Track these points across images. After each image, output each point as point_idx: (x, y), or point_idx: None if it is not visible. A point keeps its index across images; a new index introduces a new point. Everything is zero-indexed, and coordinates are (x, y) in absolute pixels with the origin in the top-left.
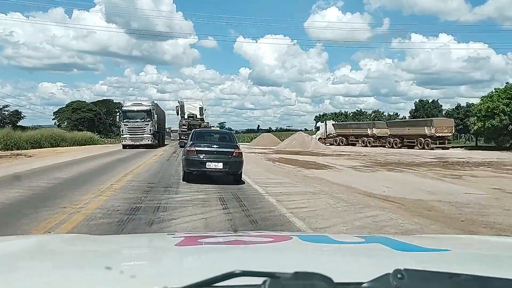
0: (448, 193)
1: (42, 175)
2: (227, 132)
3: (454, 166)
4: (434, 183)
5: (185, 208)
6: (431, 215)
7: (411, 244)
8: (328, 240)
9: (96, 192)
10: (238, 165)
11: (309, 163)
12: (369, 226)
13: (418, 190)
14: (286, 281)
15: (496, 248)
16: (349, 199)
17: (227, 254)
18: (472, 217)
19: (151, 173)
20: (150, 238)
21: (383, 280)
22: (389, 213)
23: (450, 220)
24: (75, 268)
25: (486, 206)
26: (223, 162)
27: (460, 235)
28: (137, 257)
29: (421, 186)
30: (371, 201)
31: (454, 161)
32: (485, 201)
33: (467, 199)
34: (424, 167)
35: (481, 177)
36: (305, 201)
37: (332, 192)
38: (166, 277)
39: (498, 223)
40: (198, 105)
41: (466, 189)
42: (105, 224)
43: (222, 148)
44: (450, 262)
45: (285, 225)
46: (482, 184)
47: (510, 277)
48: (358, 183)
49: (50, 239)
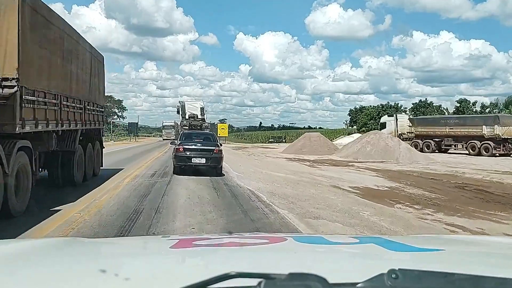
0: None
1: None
2: (210, 133)
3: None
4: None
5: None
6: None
7: (405, 244)
8: (323, 241)
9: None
10: (218, 160)
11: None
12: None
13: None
14: (281, 282)
15: (490, 247)
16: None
17: (222, 256)
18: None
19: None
20: (144, 240)
21: (377, 280)
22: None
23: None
24: (69, 272)
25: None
26: (205, 158)
27: (453, 235)
28: (131, 260)
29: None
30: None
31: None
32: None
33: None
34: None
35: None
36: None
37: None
38: (161, 280)
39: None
40: (199, 105)
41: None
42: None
43: (205, 146)
44: (444, 262)
45: None
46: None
47: (503, 276)
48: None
49: (44, 243)
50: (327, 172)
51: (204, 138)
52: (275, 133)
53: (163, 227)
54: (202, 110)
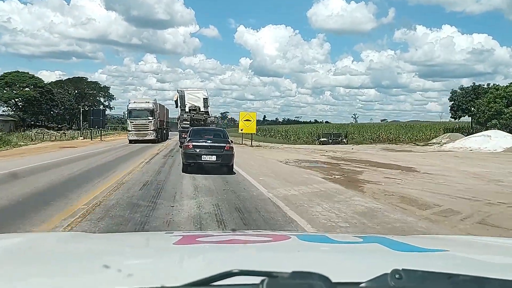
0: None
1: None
2: (220, 129)
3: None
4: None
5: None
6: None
7: (409, 244)
8: (327, 239)
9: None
10: (230, 158)
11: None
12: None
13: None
14: (284, 281)
15: (494, 249)
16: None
17: (225, 253)
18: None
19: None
20: (148, 236)
21: (381, 280)
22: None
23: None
24: (73, 267)
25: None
26: (216, 155)
27: (458, 235)
28: (135, 255)
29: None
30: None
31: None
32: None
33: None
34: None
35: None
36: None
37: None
38: (164, 276)
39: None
40: (201, 95)
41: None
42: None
43: (216, 143)
44: (448, 263)
45: None
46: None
47: (508, 278)
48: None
49: (47, 237)
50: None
51: (215, 135)
52: (310, 128)
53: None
54: (206, 101)
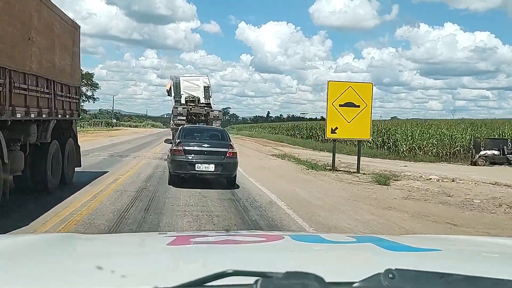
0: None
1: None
2: (220, 129)
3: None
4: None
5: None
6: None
7: (403, 244)
8: (320, 239)
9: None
10: (232, 167)
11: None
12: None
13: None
14: (278, 281)
15: (486, 248)
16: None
17: (219, 253)
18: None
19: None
20: (141, 237)
21: (374, 280)
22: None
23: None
24: (66, 269)
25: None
26: (215, 164)
27: (451, 235)
28: (128, 256)
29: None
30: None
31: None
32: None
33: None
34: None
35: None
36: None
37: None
38: (158, 277)
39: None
40: (202, 82)
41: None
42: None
43: (214, 147)
44: (441, 262)
45: None
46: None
47: (500, 277)
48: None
49: (42, 238)
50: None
51: (212, 136)
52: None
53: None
54: (208, 90)
